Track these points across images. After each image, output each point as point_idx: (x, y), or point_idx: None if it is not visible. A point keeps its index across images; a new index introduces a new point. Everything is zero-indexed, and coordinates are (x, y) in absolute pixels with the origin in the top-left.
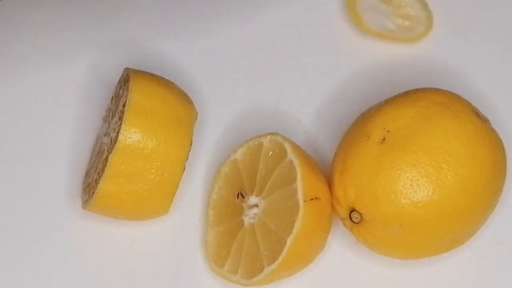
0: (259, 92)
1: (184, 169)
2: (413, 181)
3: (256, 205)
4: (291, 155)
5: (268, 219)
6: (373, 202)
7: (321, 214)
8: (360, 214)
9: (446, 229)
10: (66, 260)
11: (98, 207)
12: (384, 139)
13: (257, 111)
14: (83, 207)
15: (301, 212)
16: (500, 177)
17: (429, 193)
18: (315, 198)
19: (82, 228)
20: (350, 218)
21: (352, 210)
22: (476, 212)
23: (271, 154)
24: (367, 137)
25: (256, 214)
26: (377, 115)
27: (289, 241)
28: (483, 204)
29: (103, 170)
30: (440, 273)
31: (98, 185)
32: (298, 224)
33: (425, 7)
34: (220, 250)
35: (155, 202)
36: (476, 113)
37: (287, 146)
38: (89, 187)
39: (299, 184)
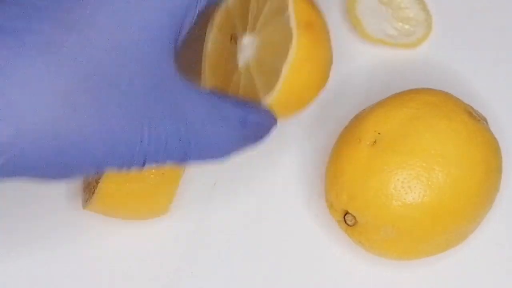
0: None
1: (184, 169)
2: (404, 183)
3: (250, 44)
4: None
5: (263, 54)
6: (365, 205)
7: (317, 41)
8: (354, 216)
9: (440, 230)
10: (65, 259)
11: (98, 206)
12: (375, 141)
13: None
14: (83, 207)
15: (295, 39)
16: (494, 177)
17: (421, 195)
18: (309, 24)
19: (82, 227)
20: (345, 221)
21: (346, 213)
22: (470, 212)
23: None
24: (358, 140)
25: (250, 52)
26: (368, 117)
27: (284, 69)
28: (477, 204)
29: None
30: (440, 273)
31: (98, 184)
32: (292, 51)
33: (424, 7)
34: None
35: (155, 202)
36: (469, 113)
37: None
38: (89, 187)
39: (290, 10)
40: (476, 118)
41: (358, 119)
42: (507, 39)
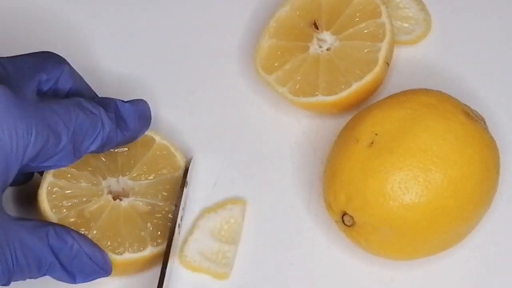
0: (260, 93)
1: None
2: (401, 184)
3: (327, 41)
4: (385, 19)
5: (338, 59)
6: (363, 205)
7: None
8: (352, 217)
9: (437, 230)
10: None
11: None
12: (372, 142)
13: (258, 111)
14: None
15: (376, 69)
16: (492, 176)
17: (417, 195)
18: (388, 64)
19: None
20: (343, 222)
21: (344, 214)
22: (467, 212)
23: (362, 8)
24: (356, 141)
25: (326, 48)
26: (365, 118)
27: (354, 86)
28: (474, 204)
29: None
30: (440, 273)
31: None
32: (369, 77)
33: (423, 7)
34: (272, 61)
35: None
36: (466, 113)
37: (383, 9)
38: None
39: (384, 46)
40: (473, 118)
41: (356, 120)
42: (505, 40)
